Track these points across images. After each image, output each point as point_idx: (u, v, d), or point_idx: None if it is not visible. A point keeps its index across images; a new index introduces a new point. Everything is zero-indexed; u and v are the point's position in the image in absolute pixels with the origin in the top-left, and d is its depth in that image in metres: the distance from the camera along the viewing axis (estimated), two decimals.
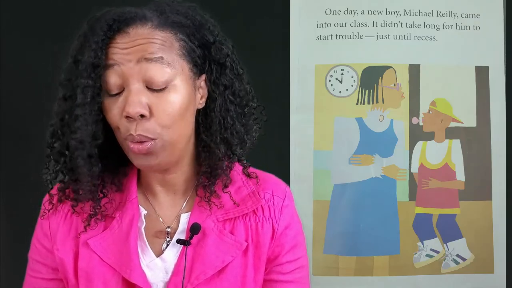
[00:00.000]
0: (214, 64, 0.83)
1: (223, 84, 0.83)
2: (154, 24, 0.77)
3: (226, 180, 0.86)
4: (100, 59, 0.75)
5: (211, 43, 0.82)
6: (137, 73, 0.75)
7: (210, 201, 0.84)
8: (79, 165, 0.77)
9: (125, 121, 0.76)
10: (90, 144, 0.77)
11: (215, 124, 0.83)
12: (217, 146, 0.83)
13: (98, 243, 0.83)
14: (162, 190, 0.88)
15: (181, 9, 0.81)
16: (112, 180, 0.86)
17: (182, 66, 0.78)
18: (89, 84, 0.75)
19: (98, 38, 0.74)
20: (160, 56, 0.76)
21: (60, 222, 0.86)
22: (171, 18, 0.79)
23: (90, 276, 0.82)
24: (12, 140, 1.50)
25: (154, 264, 0.84)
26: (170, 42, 0.78)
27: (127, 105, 0.75)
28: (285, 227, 0.88)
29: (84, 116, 0.75)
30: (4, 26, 1.48)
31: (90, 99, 0.75)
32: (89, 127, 0.76)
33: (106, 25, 0.75)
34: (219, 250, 0.83)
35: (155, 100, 0.76)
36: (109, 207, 0.85)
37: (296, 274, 0.90)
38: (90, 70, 0.74)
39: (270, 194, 0.89)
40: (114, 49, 0.76)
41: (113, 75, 0.76)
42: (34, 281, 0.89)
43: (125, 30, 0.76)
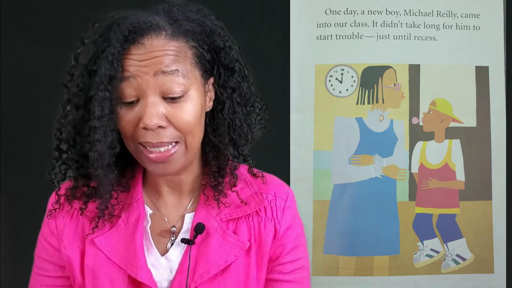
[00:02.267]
0: (222, 68, 0.84)
1: (231, 87, 0.85)
2: (168, 34, 0.78)
3: (234, 179, 0.87)
4: (117, 71, 0.75)
5: (221, 48, 0.83)
6: (153, 85, 0.76)
7: (219, 201, 0.86)
8: (100, 176, 0.79)
9: (142, 131, 0.77)
10: (109, 155, 0.78)
11: (223, 125, 0.85)
12: (226, 147, 0.85)
13: (104, 242, 0.84)
14: (168, 190, 0.89)
15: (192, 15, 0.81)
16: (119, 182, 0.86)
17: (195, 75, 0.80)
18: (107, 97, 0.75)
19: (115, 50, 0.75)
20: (176, 68, 0.77)
21: (67, 221, 0.87)
22: (183, 26, 0.79)
23: (96, 274, 0.84)
24: (12, 140, 1.50)
25: (159, 263, 0.85)
26: (184, 52, 0.79)
27: (145, 117, 0.76)
28: (287, 228, 0.89)
29: (103, 128, 0.76)
30: (4, 26, 1.48)
31: (108, 111, 0.76)
32: (108, 138, 0.77)
33: (122, 36, 0.75)
34: (223, 250, 0.84)
35: (172, 110, 0.77)
36: (116, 208, 0.86)
37: (296, 274, 0.91)
38: (107, 82, 0.75)
39: (273, 195, 0.90)
40: (130, 61, 0.76)
41: (129, 87, 0.76)
42: (41, 279, 0.90)
43: (140, 41, 0.76)
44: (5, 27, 1.48)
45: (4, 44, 1.48)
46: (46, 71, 0.93)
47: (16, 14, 1.49)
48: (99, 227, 0.85)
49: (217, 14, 0.86)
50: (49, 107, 0.85)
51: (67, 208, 0.87)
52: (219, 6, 0.87)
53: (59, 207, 0.88)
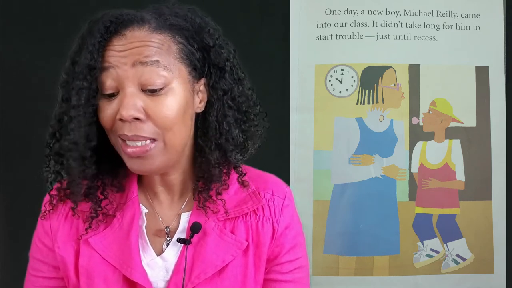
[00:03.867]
0: (213, 68, 0.82)
1: (222, 88, 0.83)
2: (152, 27, 0.77)
3: (220, 187, 0.85)
4: (96, 61, 0.75)
5: (210, 47, 0.81)
6: (132, 76, 0.75)
7: (205, 206, 0.84)
8: (71, 166, 0.77)
9: (120, 123, 0.76)
10: (84, 146, 0.77)
11: (212, 129, 0.83)
12: (211, 152, 0.83)
13: (99, 241, 0.83)
14: (163, 190, 0.88)
15: (180, 12, 0.81)
16: (112, 182, 0.86)
17: (179, 70, 0.78)
18: (84, 86, 0.75)
19: (95, 40, 0.74)
20: (156, 59, 0.75)
21: (61, 221, 0.86)
22: (169, 20, 0.79)
23: (91, 274, 0.83)
24: (12, 140, 1.50)
25: (154, 263, 0.84)
26: (168, 45, 0.77)
27: (121, 108, 0.75)
28: (285, 227, 0.88)
29: (78, 118, 0.75)
30: (4, 26, 1.48)
31: (84, 101, 0.75)
32: (82, 129, 0.76)
33: (104, 27, 0.75)
34: (220, 250, 0.83)
35: (151, 104, 0.76)
36: (110, 208, 0.85)
37: (295, 274, 0.90)
38: (86, 72, 0.74)
39: (271, 194, 0.89)
40: (111, 52, 0.76)
41: (108, 78, 0.75)
42: (35, 280, 0.89)
43: (122, 33, 0.76)
44: (5, 27, 1.48)
45: (4, 44, 1.48)
46: (46, 71, 0.92)
47: (16, 14, 1.49)
48: (92, 227, 0.84)
49: (217, 14, 0.86)
50: (49, 107, 0.85)
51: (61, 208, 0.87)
52: (219, 6, 0.86)
53: (53, 208, 0.87)
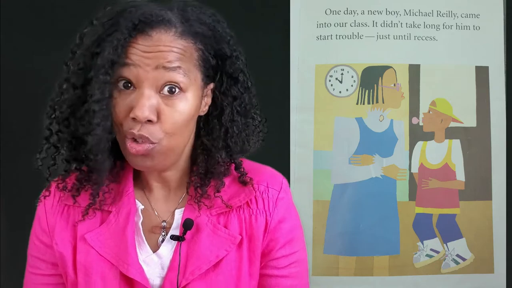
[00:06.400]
0: (226, 76, 0.83)
1: (232, 95, 0.84)
2: (178, 32, 0.77)
3: (220, 184, 0.85)
4: (120, 57, 0.75)
5: (227, 56, 0.82)
6: (152, 78, 0.75)
7: (200, 202, 0.84)
8: (99, 161, 0.78)
9: (130, 121, 0.76)
10: (107, 139, 0.77)
11: (219, 131, 0.84)
12: (219, 151, 0.84)
13: (95, 238, 0.84)
14: (158, 185, 0.88)
15: (205, 19, 0.81)
16: (111, 171, 0.85)
17: (196, 77, 0.79)
18: (107, 81, 0.75)
19: (121, 36, 0.74)
20: (178, 65, 0.76)
21: (57, 217, 0.86)
22: (194, 27, 0.79)
23: (88, 271, 0.83)
24: (12, 140, 1.50)
25: (150, 260, 0.85)
26: (190, 52, 0.78)
27: (137, 108, 0.75)
28: (278, 221, 0.87)
29: (102, 112, 0.75)
30: (4, 26, 1.48)
31: (108, 95, 0.75)
32: (107, 123, 0.76)
33: (132, 24, 0.75)
34: (213, 245, 0.83)
35: (165, 106, 0.77)
36: (108, 197, 0.85)
37: (292, 269, 0.89)
38: (108, 66, 0.74)
39: (265, 186, 0.88)
40: (134, 49, 0.75)
41: (127, 73, 0.76)
42: (34, 278, 0.89)
43: (148, 33, 0.76)
44: (5, 27, 1.48)
45: (4, 44, 1.48)
46: (46, 71, 0.92)
47: (17, 14, 1.49)
48: (89, 215, 0.84)
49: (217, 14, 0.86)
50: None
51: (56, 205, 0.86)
52: (219, 6, 0.86)
53: (49, 195, 0.86)
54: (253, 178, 0.88)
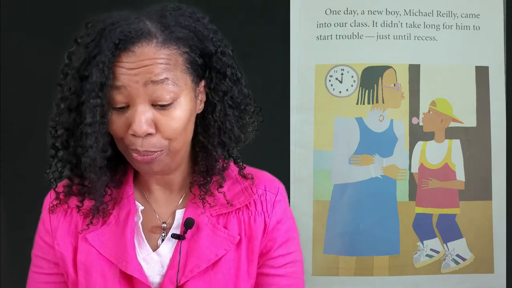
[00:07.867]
0: (214, 72, 0.84)
1: (222, 90, 0.85)
2: (160, 42, 0.78)
3: (221, 180, 0.88)
4: (108, 79, 0.76)
5: (212, 54, 0.83)
6: (143, 94, 0.77)
7: (205, 199, 0.87)
8: (94, 179, 0.81)
9: (130, 137, 0.78)
10: (101, 158, 0.80)
11: (213, 127, 0.85)
12: (215, 148, 0.86)
13: (96, 238, 0.86)
14: (159, 188, 0.90)
15: (184, 21, 0.81)
16: (112, 178, 0.88)
17: (185, 81, 0.80)
18: (98, 104, 0.76)
19: (105, 58, 0.75)
20: (166, 77, 0.77)
21: (61, 219, 0.89)
22: (175, 33, 0.79)
23: (88, 269, 0.85)
24: (12, 140, 1.51)
25: (150, 258, 0.87)
26: (175, 60, 0.79)
27: (134, 124, 0.77)
28: (277, 222, 0.90)
29: (94, 134, 0.77)
30: (4, 26, 1.48)
31: (99, 117, 0.77)
32: (100, 143, 0.78)
33: (113, 44, 0.75)
34: (213, 244, 0.86)
35: (160, 117, 0.78)
36: (110, 204, 0.87)
37: (288, 268, 0.92)
38: (98, 89, 0.76)
39: (263, 189, 0.91)
40: (121, 69, 0.76)
41: (119, 95, 0.77)
42: (37, 277, 0.92)
43: (130, 49, 0.76)
44: (5, 27, 1.48)
45: (4, 43, 1.48)
46: (46, 71, 0.93)
47: (17, 14, 1.49)
48: (93, 223, 0.86)
49: (217, 14, 0.86)
50: (49, 107, 0.85)
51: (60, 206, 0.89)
52: (220, 6, 0.86)
53: (60, 203, 0.89)
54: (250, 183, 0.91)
